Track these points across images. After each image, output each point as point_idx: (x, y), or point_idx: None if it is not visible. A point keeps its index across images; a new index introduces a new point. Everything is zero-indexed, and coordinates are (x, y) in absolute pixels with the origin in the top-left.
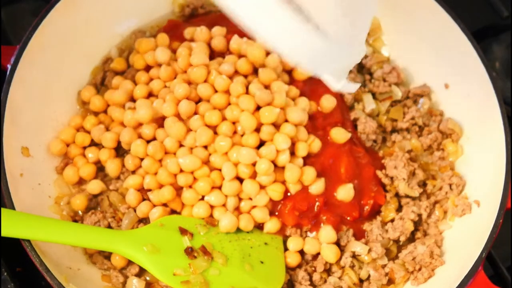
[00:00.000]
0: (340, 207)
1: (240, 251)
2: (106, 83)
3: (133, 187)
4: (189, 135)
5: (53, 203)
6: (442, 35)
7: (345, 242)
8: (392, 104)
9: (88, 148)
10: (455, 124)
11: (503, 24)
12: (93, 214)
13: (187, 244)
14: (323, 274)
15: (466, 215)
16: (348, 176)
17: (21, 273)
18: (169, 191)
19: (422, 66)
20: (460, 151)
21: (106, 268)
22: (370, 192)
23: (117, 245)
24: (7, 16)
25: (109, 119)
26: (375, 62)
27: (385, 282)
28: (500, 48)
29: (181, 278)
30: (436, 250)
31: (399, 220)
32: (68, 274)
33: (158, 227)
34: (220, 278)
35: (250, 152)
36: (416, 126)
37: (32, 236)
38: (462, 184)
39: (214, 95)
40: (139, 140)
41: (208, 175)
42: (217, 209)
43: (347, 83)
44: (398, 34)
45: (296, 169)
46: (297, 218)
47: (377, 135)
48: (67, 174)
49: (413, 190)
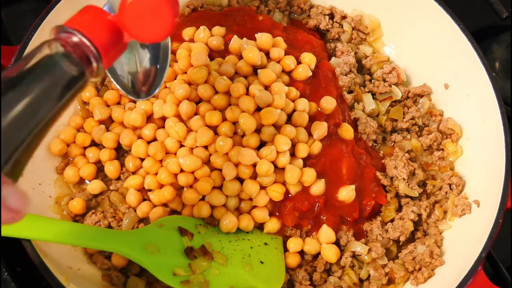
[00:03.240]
0: (341, 208)
1: (240, 251)
2: (106, 83)
3: (133, 187)
4: (189, 136)
5: (54, 203)
6: (442, 35)
7: (345, 242)
8: (392, 104)
9: (89, 148)
10: (455, 124)
11: (503, 24)
12: (93, 214)
13: (187, 244)
14: (323, 274)
15: (466, 215)
16: (349, 177)
17: (21, 273)
18: (169, 191)
19: (422, 66)
20: (460, 151)
21: (106, 268)
22: (371, 193)
23: (117, 245)
24: (7, 16)
25: (109, 120)
26: (375, 62)
27: (385, 282)
28: (500, 48)
29: (181, 278)
30: (436, 250)
31: (399, 220)
32: (68, 274)
33: (158, 227)
34: (220, 278)
35: (251, 153)
36: (416, 126)
37: (32, 236)
38: (462, 184)
39: (215, 96)
40: (140, 140)
41: (208, 175)
42: (217, 209)
43: None
44: (398, 34)
45: (296, 170)
46: (297, 219)
47: (377, 135)
48: (68, 174)
49: (413, 190)
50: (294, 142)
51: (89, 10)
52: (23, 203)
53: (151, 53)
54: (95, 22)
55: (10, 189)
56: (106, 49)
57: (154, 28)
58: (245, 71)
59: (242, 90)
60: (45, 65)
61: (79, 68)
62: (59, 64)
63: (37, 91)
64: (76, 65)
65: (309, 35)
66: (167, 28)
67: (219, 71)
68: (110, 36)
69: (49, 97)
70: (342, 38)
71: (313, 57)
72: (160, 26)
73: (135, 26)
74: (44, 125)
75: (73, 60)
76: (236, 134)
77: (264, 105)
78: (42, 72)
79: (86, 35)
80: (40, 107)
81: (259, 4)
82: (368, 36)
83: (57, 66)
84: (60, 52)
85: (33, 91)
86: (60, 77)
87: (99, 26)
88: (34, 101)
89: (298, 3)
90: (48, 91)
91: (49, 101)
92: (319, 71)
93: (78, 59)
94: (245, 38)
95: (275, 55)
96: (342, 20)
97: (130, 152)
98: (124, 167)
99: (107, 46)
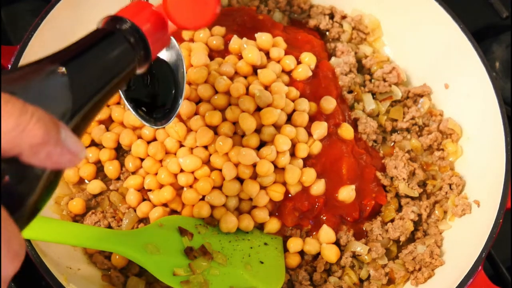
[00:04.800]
0: (341, 208)
1: (240, 251)
2: None
3: (133, 187)
4: (189, 135)
5: (53, 203)
6: (442, 35)
7: (345, 242)
8: (392, 104)
9: (88, 148)
10: (455, 124)
11: (503, 24)
12: (93, 214)
13: (187, 244)
14: (323, 274)
15: (466, 215)
16: (350, 177)
17: (21, 273)
18: (169, 191)
19: (422, 66)
20: (460, 151)
21: (106, 268)
22: (371, 193)
23: (117, 245)
24: (7, 16)
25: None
26: (375, 62)
27: (385, 282)
28: (500, 48)
29: (181, 278)
30: (436, 250)
31: (399, 220)
32: (68, 274)
33: (158, 227)
34: (220, 278)
35: (251, 153)
36: (416, 126)
37: (32, 236)
38: (462, 184)
39: (215, 96)
40: (140, 140)
41: (208, 175)
42: (217, 209)
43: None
44: (398, 34)
45: (296, 170)
46: (297, 219)
47: (377, 135)
48: (67, 174)
49: (413, 190)
50: (294, 142)
51: (135, 3)
52: (80, 146)
53: (169, 79)
54: (142, 11)
55: (68, 133)
56: (153, 38)
57: (196, 16)
58: (245, 71)
59: (242, 90)
60: (108, 39)
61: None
62: (121, 39)
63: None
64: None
65: (309, 35)
66: (208, 16)
67: (219, 71)
68: (155, 26)
69: (108, 70)
70: (342, 38)
71: (313, 57)
72: (202, 14)
73: (178, 13)
74: (103, 96)
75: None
76: (236, 134)
77: (264, 105)
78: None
79: (135, 23)
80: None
81: (259, 4)
82: (368, 36)
83: (120, 41)
84: (120, 31)
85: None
86: (120, 52)
87: (146, 15)
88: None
89: (298, 3)
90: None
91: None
92: (319, 71)
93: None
94: (245, 38)
95: (275, 55)
96: (342, 20)
97: (130, 152)
98: (124, 167)
99: (153, 35)
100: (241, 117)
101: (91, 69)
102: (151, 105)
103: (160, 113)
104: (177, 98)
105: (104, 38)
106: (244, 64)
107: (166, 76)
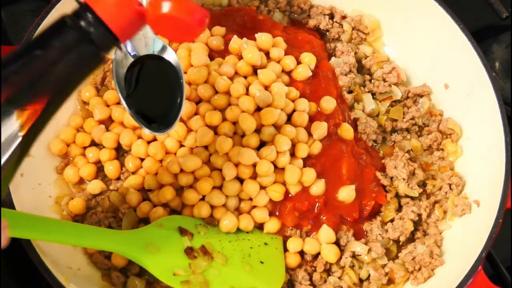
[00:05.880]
0: (341, 208)
1: (240, 251)
2: (106, 83)
3: (133, 187)
4: (189, 136)
5: (54, 203)
6: (442, 35)
7: (345, 242)
8: (392, 104)
9: (89, 148)
10: (455, 124)
11: (503, 24)
12: (93, 214)
13: (187, 244)
14: (323, 274)
15: (466, 215)
16: (350, 177)
17: (21, 273)
18: (169, 191)
19: (422, 66)
20: (460, 151)
21: (106, 268)
22: (371, 193)
23: (117, 245)
24: (7, 16)
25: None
26: (375, 62)
27: (385, 282)
28: (500, 48)
29: (181, 278)
30: (436, 250)
31: (399, 220)
32: (68, 274)
33: (158, 227)
34: (220, 278)
35: (251, 153)
36: (416, 126)
37: (32, 236)
38: (462, 184)
39: (214, 96)
40: (140, 140)
41: (208, 175)
42: (217, 209)
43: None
44: (398, 34)
45: (296, 170)
46: (297, 219)
47: (377, 135)
48: (68, 174)
49: (413, 190)
50: (294, 142)
51: None
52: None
53: (169, 85)
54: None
55: None
56: (123, 32)
57: (178, 35)
58: (245, 71)
59: (242, 90)
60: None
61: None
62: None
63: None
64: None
65: (309, 35)
66: (190, 37)
67: (219, 71)
68: (130, 22)
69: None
70: (342, 38)
71: (313, 57)
72: (183, 36)
73: (160, 31)
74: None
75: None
76: (236, 134)
77: (264, 105)
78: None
79: (102, 18)
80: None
81: (259, 4)
82: (368, 36)
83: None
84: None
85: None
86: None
87: (122, 14)
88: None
89: (298, 3)
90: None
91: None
92: (319, 71)
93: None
94: (245, 38)
95: (275, 55)
96: (342, 20)
97: (130, 152)
98: (124, 167)
99: (124, 30)
100: (241, 117)
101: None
102: (152, 112)
103: (160, 120)
104: (179, 105)
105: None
106: (244, 64)
107: (165, 83)
